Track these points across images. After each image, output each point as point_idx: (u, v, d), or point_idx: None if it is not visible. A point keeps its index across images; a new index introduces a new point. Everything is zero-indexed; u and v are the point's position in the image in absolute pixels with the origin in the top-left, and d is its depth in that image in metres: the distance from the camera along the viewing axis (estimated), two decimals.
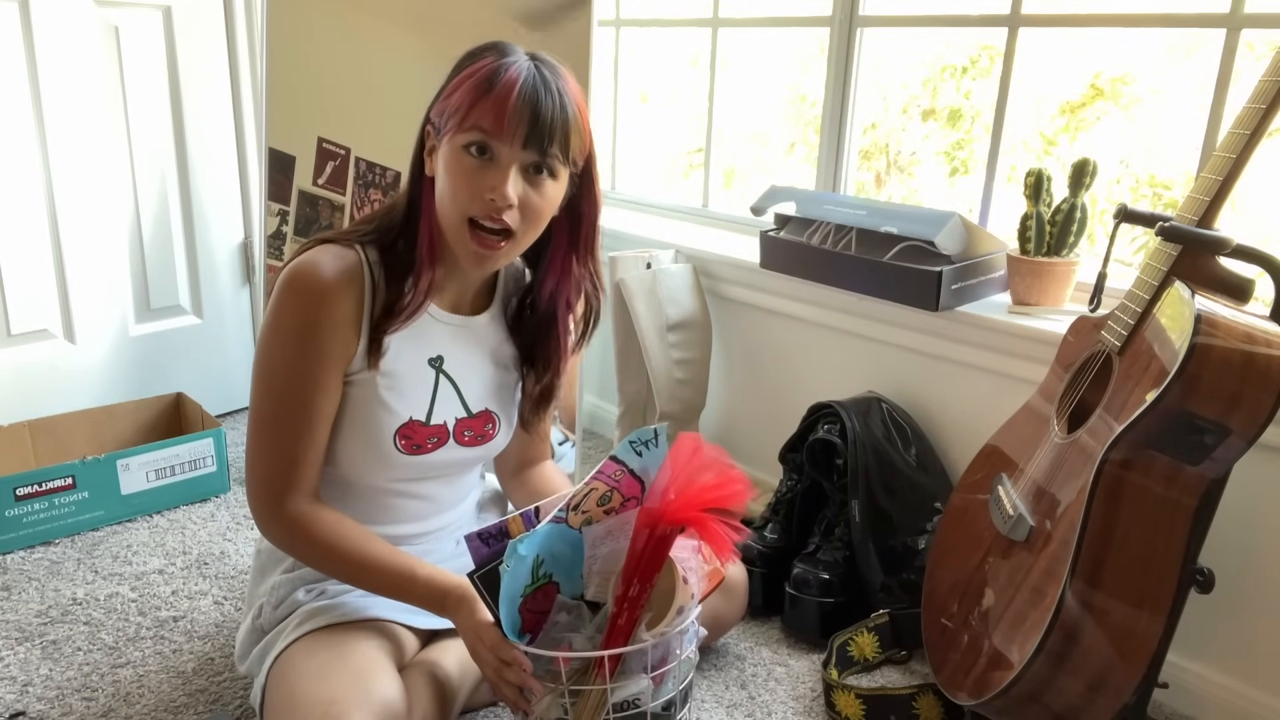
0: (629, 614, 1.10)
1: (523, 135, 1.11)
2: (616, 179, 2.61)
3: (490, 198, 1.11)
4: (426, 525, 1.35)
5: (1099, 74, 2.03)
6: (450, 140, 1.13)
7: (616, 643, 1.10)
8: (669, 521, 1.08)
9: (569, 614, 1.15)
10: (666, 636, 1.10)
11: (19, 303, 2.09)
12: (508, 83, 1.10)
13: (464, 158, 1.12)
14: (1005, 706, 1.20)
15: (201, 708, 1.42)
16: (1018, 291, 1.63)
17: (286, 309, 1.17)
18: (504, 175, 1.11)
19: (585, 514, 1.13)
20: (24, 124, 2.03)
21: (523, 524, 1.15)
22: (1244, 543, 1.39)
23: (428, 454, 1.28)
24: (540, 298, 1.30)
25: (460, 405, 1.30)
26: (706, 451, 1.11)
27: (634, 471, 1.14)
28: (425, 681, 1.23)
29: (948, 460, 1.74)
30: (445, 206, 1.16)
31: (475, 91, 1.11)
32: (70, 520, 1.90)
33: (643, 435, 1.13)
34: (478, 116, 1.10)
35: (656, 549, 1.09)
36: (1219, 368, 1.09)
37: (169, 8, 2.21)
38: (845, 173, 2.02)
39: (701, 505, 1.08)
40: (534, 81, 1.12)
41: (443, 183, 1.15)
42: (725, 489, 1.09)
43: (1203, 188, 1.20)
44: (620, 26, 2.49)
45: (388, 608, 1.26)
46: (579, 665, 1.10)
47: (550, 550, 1.12)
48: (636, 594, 1.09)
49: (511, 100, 1.10)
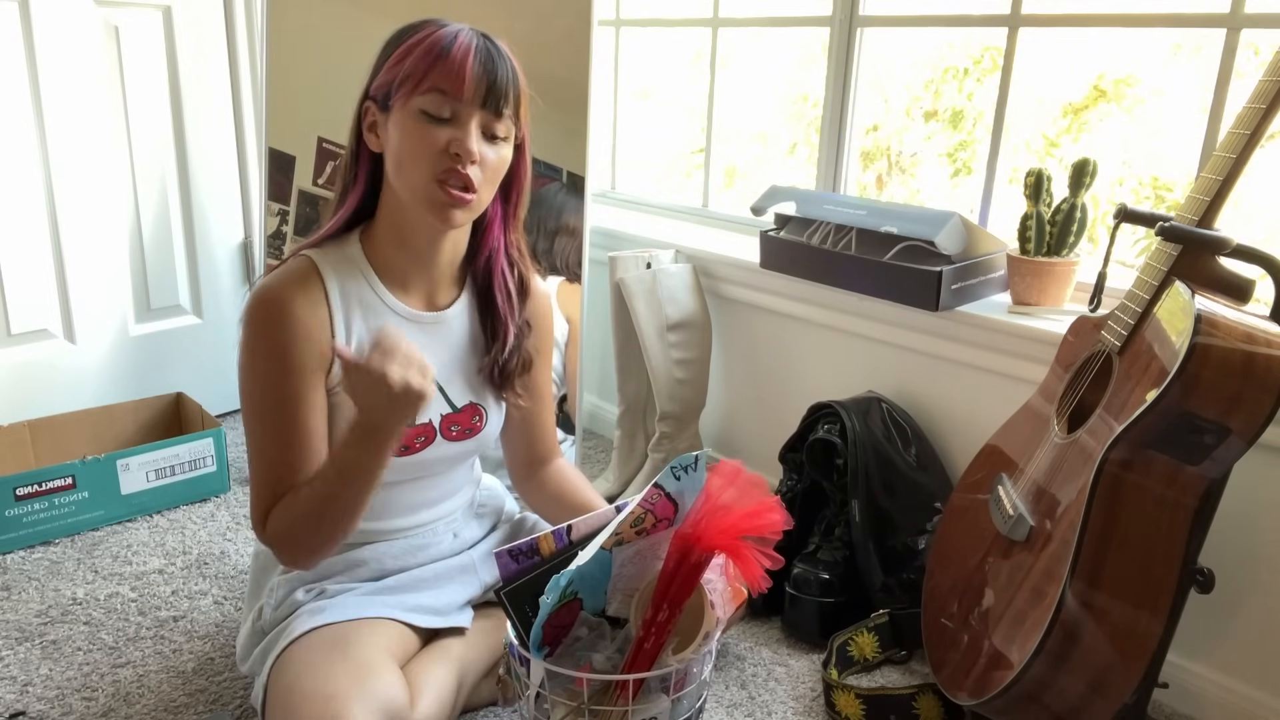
0: (656, 639, 1.09)
1: (481, 94, 1.13)
2: (616, 179, 2.61)
3: (455, 152, 1.13)
4: (420, 518, 1.36)
5: (1102, 75, 2.03)
6: (404, 106, 1.14)
7: (642, 666, 1.09)
8: (704, 548, 1.07)
9: (590, 630, 1.14)
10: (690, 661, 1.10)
11: (19, 303, 2.09)
12: (462, 46, 1.13)
13: (422, 121, 1.13)
14: (1005, 706, 1.20)
15: (201, 708, 1.42)
16: (1018, 291, 1.63)
17: (254, 336, 1.19)
18: (466, 131, 1.14)
19: (617, 535, 1.12)
20: (24, 124, 2.03)
21: (553, 541, 1.14)
22: (1244, 543, 1.39)
23: (417, 453, 1.29)
24: (476, 268, 1.32)
25: (444, 402, 1.31)
26: (745, 478, 1.10)
27: (669, 494, 1.13)
28: (427, 679, 1.23)
29: (948, 460, 1.74)
30: (404, 173, 1.16)
31: (429, 56, 1.13)
32: (70, 520, 1.90)
33: (683, 461, 1.13)
34: (436, 79, 1.12)
35: (690, 574, 1.08)
36: (1219, 368, 1.09)
37: (169, 8, 2.21)
38: (845, 173, 2.02)
39: (738, 533, 1.07)
40: (486, 46, 1.15)
41: (399, 150, 1.16)
42: (762, 518, 1.09)
43: (1203, 188, 1.20)
44: (620, 26, 2.49)
45: (388, 606, 1.26)
46: (599, 685, 1.09)
47: (580, 569, 1.11)
48: (665, 619, 1.09)
49: (470, 61, 1.12)
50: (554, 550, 1.15)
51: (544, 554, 1.14)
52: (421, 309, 1.29)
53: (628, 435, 2.14)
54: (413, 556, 1.34)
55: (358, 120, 1.21)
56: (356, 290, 1.24)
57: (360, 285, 1.24)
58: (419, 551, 1.35)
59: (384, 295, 1.25)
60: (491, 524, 1.48)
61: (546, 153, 2.02)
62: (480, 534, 1.45)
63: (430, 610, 1.30)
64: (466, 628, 1.33)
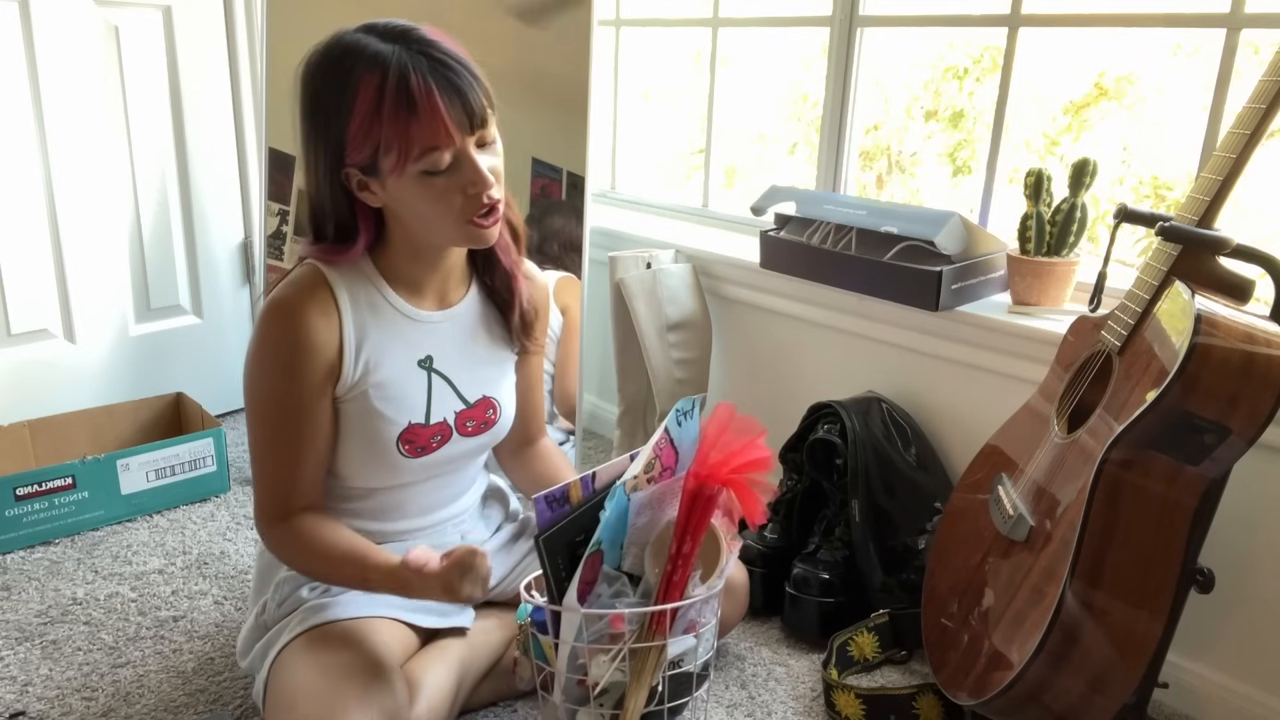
0: (683, 569, 1.16)
1: (466, 125, 1.11)
2: (616, 179, 2.61)
3: (474, 192, 1.13)
4: (432, 519, 1.37)
5: (1103, 73, 2.03)
6: (401, 176, 1.11)
7: (674, 597, 1.15)
8: (714, 482, 1.15)
9: (610, 584, 1.18)
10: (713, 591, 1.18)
11: (19, 303, 2.09)
12: (422, 91, 1.07)
13: (431, 181, 1.11)
14: (1005, 706, 1.20)
15: (201, 708, 1.42)
16: (1018, 291, 1.63)
17: (265, 346, 1.19)
18: (475, 167, 1.13)
19: (635, 479, 1.18)
20: (24, 124, 2.03)
21: (580, 489, 1.19)
22: (1244, 543, 1.39)
23: (433, 452, 1.29)
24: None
25: (457, 399, 1.31)
26: (738, 421, 1.18)
27: (673, 440, 1.21)
28: (426, 678, 1.24)
29: (948, 460, 1.74)
30: (434, 227, 1.17)
31: (398, 120, 1.07)
32: (70, 520, 1.89)
33: (683, 406, 1.21)
34: (420, 141, 1.08)
35: (704, 507, 1.16)
36: (1219, 368, 1.09)
37: (169, 8, 2.21)
38: (846, 172, 2.02)
39: (734, 469, 1.16)
40: (441, 73, 1.08)
41: (420, 212, 1.15)
42: (752, 453, 1.17)
43: (1203, 187, 1.20)
44: (620, 26, 2.48)
45: (390, 605, 1.27)
46: (633, 626, 1.14)
47: (605, 519, 1.16)
48: (689, 550, 1.16)
49: (439, 105, 1.07)
50: (581, 498, 1.19)
51: (573, 501, 1.18)
52: (434, 309, 1.29)
53: (628, 435, 2.14)
54: None
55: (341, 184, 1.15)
56: (367, 298, 1.23)
57: (371, 293, 1.24)
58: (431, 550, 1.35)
59: (395, 301, 1.25)
60: (498, 523, 1.50)
61: (546, 153, 2.02)
62: (486, 534, 1.46)
63: (432, 610, 1.31)
64: (467, 628, 1.33)
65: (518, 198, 2.01)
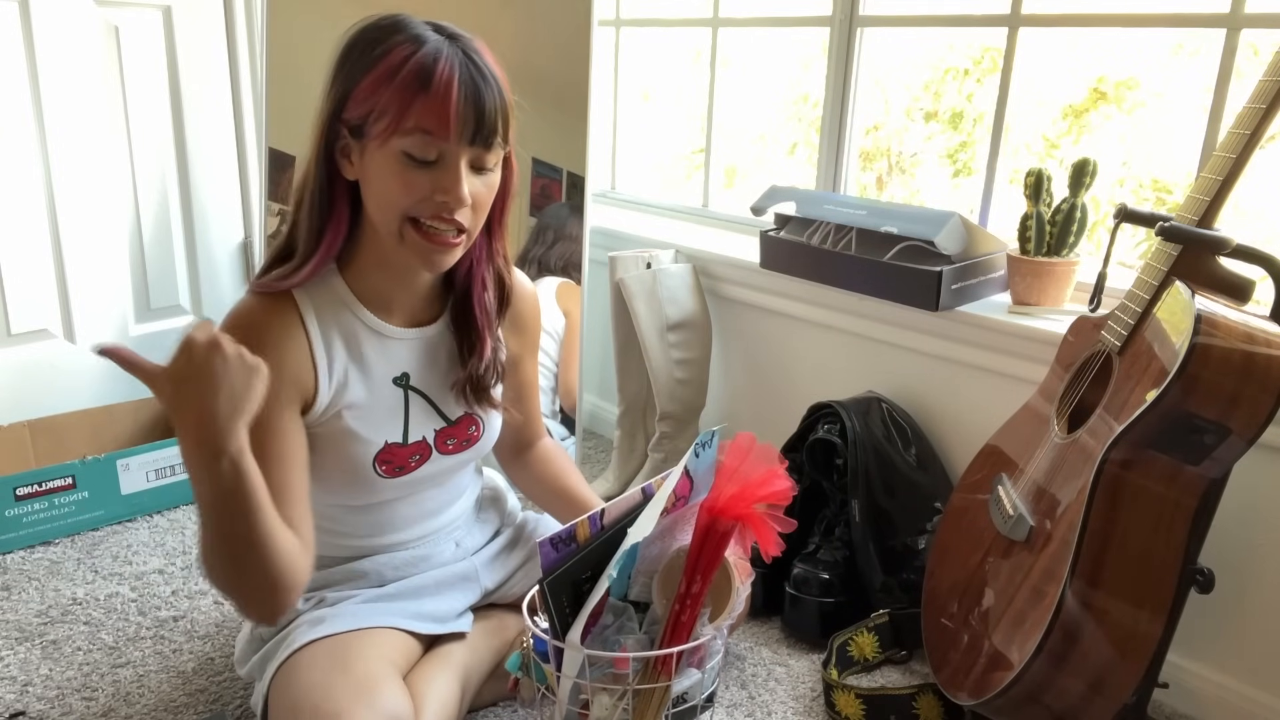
0: (691, 610, 1.12)
1: (470, 133, 1.05)
2: (616, 179, 2.61)
3: (443, 200, 1.07)
4: (422, 529, 1.34)
5: (1102, 78, 2.03)
6: (384, 145, 1.05)
7: (680, 638, 1.11)
8: (728, 518, 1.11)
9: (616, 615, 1.15)
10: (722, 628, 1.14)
11: (19, 303, 2.09)
12: (444, 78, 1.03)
13: (405, 163, 1.05)
14: (1005, 706, 1.20)
15: (201, 708, 1.42)
16: (1018, 291, 1.63)
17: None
18: (456, 176, 1.06)
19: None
20: (24, 124, 2.03)
21: (589, 528, 1.14)
22: (1244, 543, 1.39)
23: (412, 471, 1.25)
24: (457, 278, 1.24)
25: (438, 416, 1.27)
26: (757, 449, 1.14)
27: (688, 471, 1.15)
28: (430, 689, 1.22)
29: (948, 460, 1.74)
30: (385, 216, 1.09)
31: (407, 90, 1.03)
32: (70, 520, 1.89)
33: (702, 438, 1.15)
34: (418, 118, 1.03)
35: (717, 545, 1.12)
36: (1219, 368, 1.09)
37: (169, 8, 2.22)
38: (845, 173, 2.02)
39: (751, 501, 1.12)
40: (470, 72, 1.05)
41: (379, 192, 1.08)
42: (772, 485, 1.12)
43: (1203, 188, 1.20)
44: (620, 26, 2.49)
45: (389, 615, 1.25)
46: (638, 666, 1.11)
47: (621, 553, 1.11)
48: (699, 590, 1.12)
49: (455, 96, 1.03)
50: (589, 536, 1.14)
51: (580, 541, 1.12)
52: (405, 327, 1.23)
53: (628, 435, 2.14)
54: (414, 567, 1.32)
55: (327, 141, 1.10)
56: (334, 314, 1.17)
57: (338, 307, 1.18)
58: (421, 562, 1.33)
59: (364, 316, 1.19)
60: (495, 529, 1.46)
61: (546, 153, 2.02)
62: (483, 540, 1.43)
63: (431, 617, 1.29)
64: (468, 632, 1.33)
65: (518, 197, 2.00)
